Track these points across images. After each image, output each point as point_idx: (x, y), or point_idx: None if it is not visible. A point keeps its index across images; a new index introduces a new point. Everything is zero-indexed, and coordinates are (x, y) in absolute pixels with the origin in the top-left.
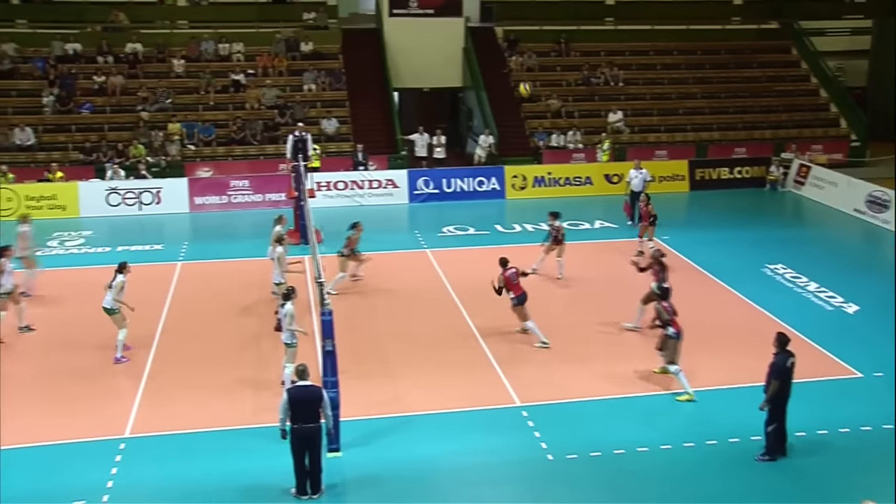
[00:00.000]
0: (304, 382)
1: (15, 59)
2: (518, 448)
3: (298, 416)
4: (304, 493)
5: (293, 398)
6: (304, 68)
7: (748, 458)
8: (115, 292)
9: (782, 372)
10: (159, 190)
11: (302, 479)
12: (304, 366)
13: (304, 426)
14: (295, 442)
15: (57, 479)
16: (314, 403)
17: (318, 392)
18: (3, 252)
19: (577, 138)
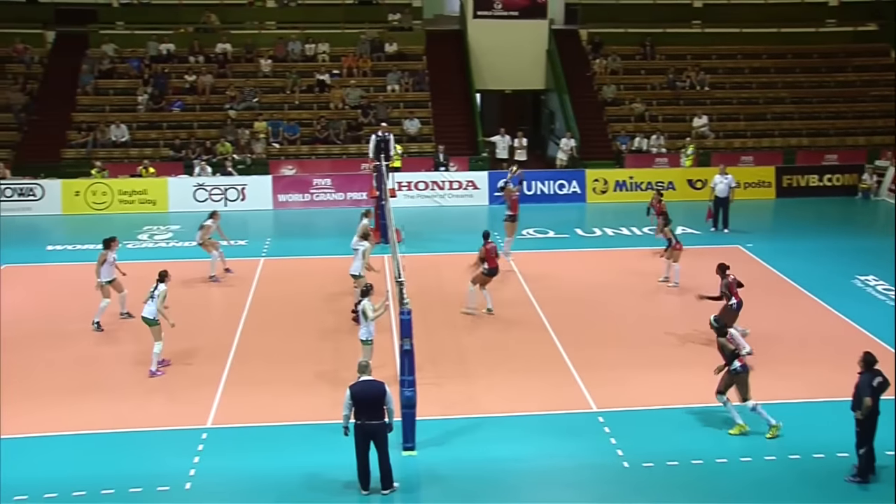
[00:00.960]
0: (367, 378)
1: (114, 59)
2: (593, 453)
3: (361, 412)
4: (366, 488)
5: (356, 394)
6: (388, 69)
7: (833, 476)
8: (159, 302)
9: (868, 389)
10: (244, 187)
11: (364, 475)
12: (366, 361)
13: (367, 422)
14: (358, 438)
15: (143, 465)
16: (377, 399)
17: (381, 388)
18: (108, 244)
19: (660, 143)
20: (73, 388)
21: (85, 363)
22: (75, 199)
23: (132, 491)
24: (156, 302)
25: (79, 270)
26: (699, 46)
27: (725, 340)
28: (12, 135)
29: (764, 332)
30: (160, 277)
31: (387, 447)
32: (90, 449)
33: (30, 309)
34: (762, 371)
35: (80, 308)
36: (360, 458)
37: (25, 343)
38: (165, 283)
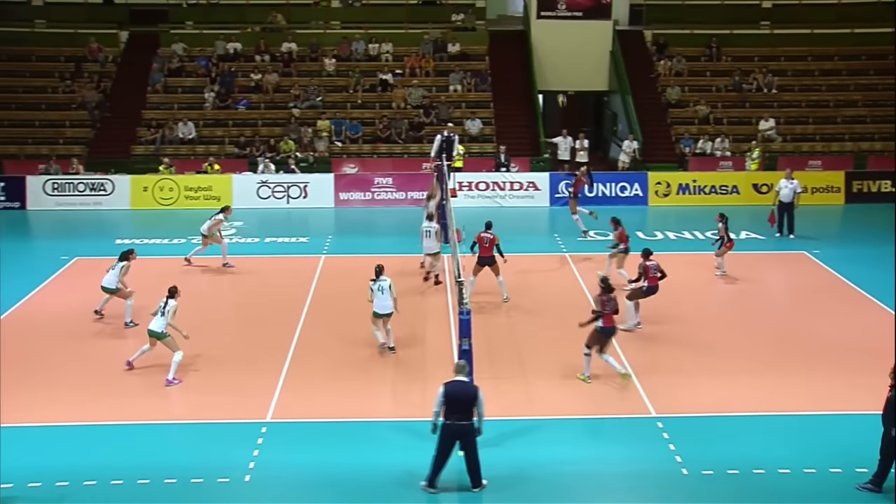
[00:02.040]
0: (461, 378)
1: (183, 57)
2: (651, 459)
3: (452, 412)
4: (435, 487)
5: (448, 393)
6: (451, 69)
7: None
8: (170, 317)
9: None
10: (306, 184)
11: (437, 472)
12: (463, 362)
13: (457, 423)
14: (444, 437)
15: (205, 456)
16: (469, 400)
17: (474, 390)
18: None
19: (724, 146)
20: (138, 380)
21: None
22: (143, 195)
23: (194, 481)
24: (167, 318)
25: (145, 264)
26: (767, 48)
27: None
28: (86, 131)
29: (831, 340)
30: (170, 293)
31: (475, 447)
32: (155, 439)
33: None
34: (830, 380)
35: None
36: (439, 456)
37: (94, 333)
38: (175, 299)
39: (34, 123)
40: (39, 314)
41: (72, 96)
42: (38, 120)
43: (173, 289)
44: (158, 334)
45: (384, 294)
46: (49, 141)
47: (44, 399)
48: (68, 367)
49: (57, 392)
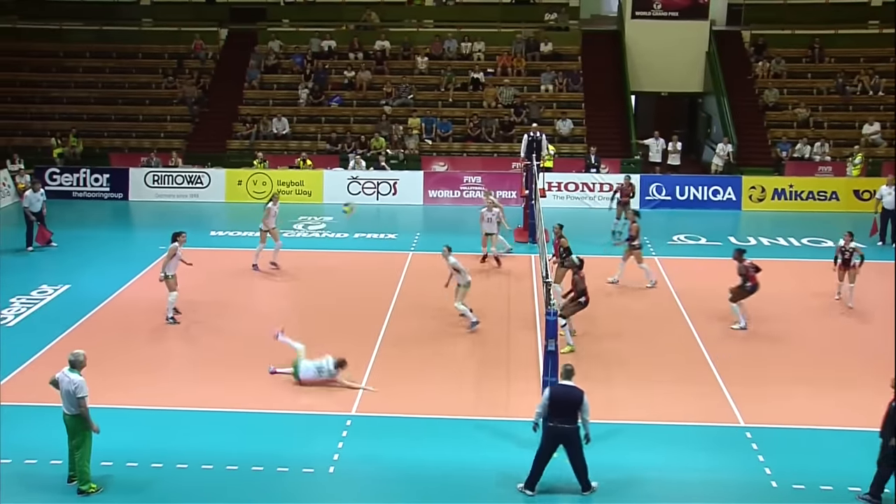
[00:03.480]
0: (568, 383)
1: (279, 55)
2: (738, 470)
3: (555, 415)
4: (533, 489)
5: (553, 396)
6: (542, 69)
7: None
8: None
9: None
10: (396, 181)
11: (537, 475)
12: (571, 366)
13: (560, 425)
14: (546, 439)
15: (291, 447)
16: (574, 404)
17: (580, 394)
18: (176, 237)
19: (824, 150)
20: (230, 369)
21: (240, 344)
22: (238, 188)
23: (279, 470)
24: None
25: (239, 256)
26: (874, 48)
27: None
28: (186, 126)
29: None
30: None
31: (581, 451)
32: (245, 427)
33: (193, 290)
34: None
35: (240, 291)
36: (540, 459)
37: (190, 322)
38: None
39: (138, 118)
40: (138, 301)
41: (173, 92)
42: (142, 114)
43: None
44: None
45: None
46: (151, 135)
47: (141, 383)
48: (164, 354)
49: (153, 377)
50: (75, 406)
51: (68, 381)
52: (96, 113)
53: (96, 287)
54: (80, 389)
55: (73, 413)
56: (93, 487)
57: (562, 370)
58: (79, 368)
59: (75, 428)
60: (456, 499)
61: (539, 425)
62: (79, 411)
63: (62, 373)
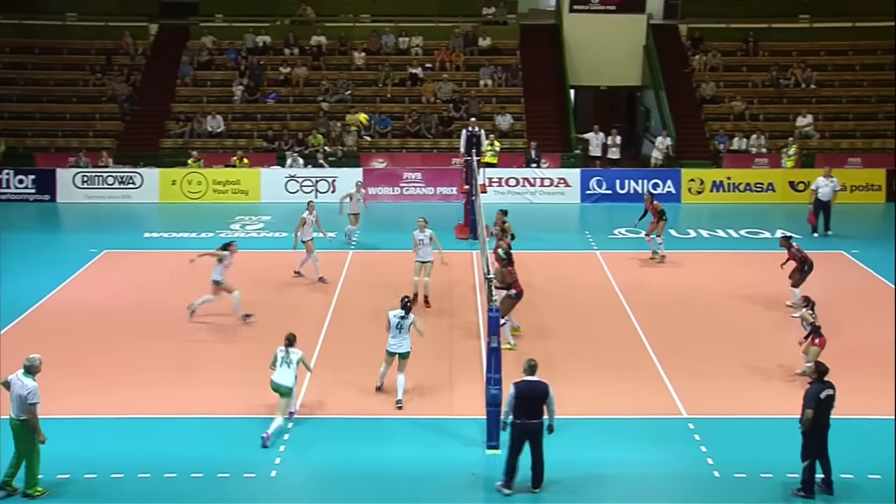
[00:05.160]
0: (532, 378)
1: (212, 50)
2: (682, 461)
3: (522, 411)
4: (511, 487)
5: (519, 393)
6: (481, 63)
7: None
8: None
9: (813, 401)
10: (335, 179)
11: (512, 473)
12: (534, 361)
13: (528, 421)
14: (516, 436)
15: (231, 452)
16: (539, 399)
17: (544, 387)
18: (227, 246)
19: (760, 142)
20: (163, 374)
21: (177, 348)
22: (172, 188)
23: (220, 476)
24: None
25: (174, 258)
26: (806, 42)
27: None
28: (116, 124)
29: (867, 343)
30: (290, 341)
31: (542, 448)
32: (182, 434)
33: (129, 294)
34: (866, 384)
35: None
36: (511, 456)
37: (123, 326)
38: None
39: (65, 116)
40: (68, 307)
41: (102, 89)
42: (69, 113)
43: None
44: (286, 389)
45: (403, 332)
46: (79, 134)
47: (70, 390)
48: (94, 360)
49: (82, 384)
50: (24, 412)
51: (21, 386)
52: (19, 111)
53: (24, 292)
54: (33, 395)
55: (21, 419)
56: (38, 491)
57: (525, 366)
58: (33, 374)
59: (21, 434)
60: (398, 499)
61: (507, 424)
62: (27, 417)
63: (15, 376)
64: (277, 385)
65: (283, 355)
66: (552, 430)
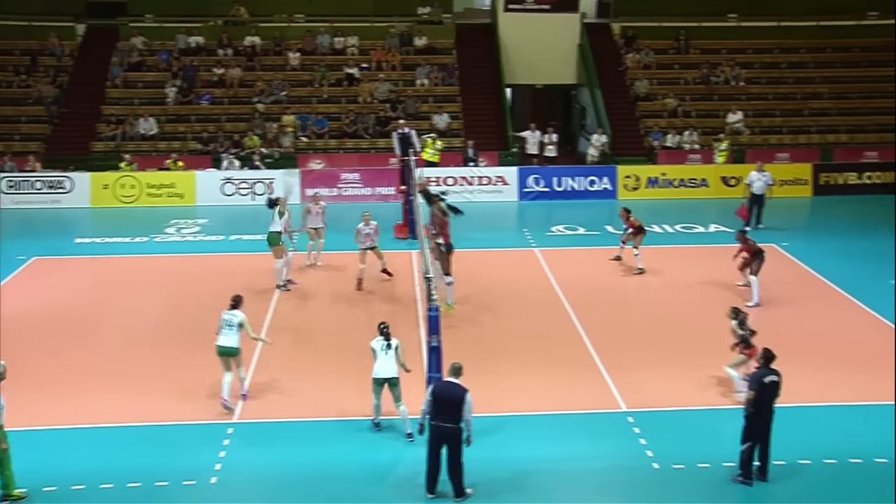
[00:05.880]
0: (452, 380)
1: (143, 51)
2: (622, 455)
3: (438, 413)
4: (432, 492)
5: (436, 393)
6: (418, 63)
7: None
8: (249, 329)
9: (755, 384)
10: (272, 181)
11: (432, 477)
12: (459, 364)
13: (442, 424)
14: (432, 438)
15: (170, 459)
16: (455, 403)
17: (462, 393)
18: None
19: (693, 139)
20: (97, 382)
21: (110, 355)
22: (104, 192)
23: (158, 485)
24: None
25: (107, 263)
26: (735, 40)
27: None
28: (43, 127)
29: (798, 333)
30: (235, 303)
31: (460, 455)
32: (118, 443)
33: (59, 301)
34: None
35: (107, 301)
36: (430, 459)
37: (53, 334)
38: (240, 309)
39: None
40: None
41: (27, 91)
42: None
43: (238, 298)
44: (233, 349)
45: (387, 356)
46: (3, 137)
47: None
48: (26, 369)
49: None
50: None
51: None
52: None
53: None
54: None
55: None
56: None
57: (449, 367)
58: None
59: None
60: (341, 500)
61: (425, 426)
62: None
63: None
64: (221, 349)
65: (227, 318)
66: (469, 442)
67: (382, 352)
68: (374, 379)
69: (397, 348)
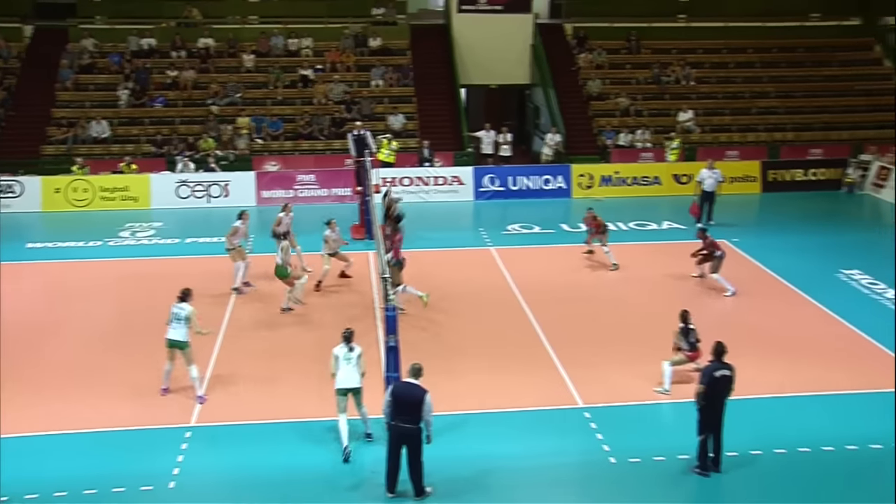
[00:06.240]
0: (412, 381)
1: (94, 53)
2: (580, 450)
3: (398, 413)
4: (392, 491)
5: (395, 393)
6: (372, 64)
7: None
8: (195, 323)
9: (706, 378)
10: (227, 183)
11: (391, 477)
12: (419, 365)
13: (402, 425)
14: (392, 439)
15: (126, 464)
16: (415, 403)
17: (421, 394)
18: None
19: (645, 137)
20: (52, 389)
21: (65, 360)
22: (55, 197)
23: (115, 491)
24: (186, 323)
25: (60, 268)
26: (684, 41)
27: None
28: None
29: (749, 327)
30: (183, 296)
31: (420, 455)
32: (72, 449)
33: (11, 308)
34: (751, 365)
35: (60, 307)
36: (390, 459)
37: (6, 342)
38: (189, 302)
39: None
40: None
41: None
42: None
43: (187, 291)
44: (180, 343)
45: (350, 364)
46: None
47: None
48: None
49: None
50: None
51: None
52: None
53: None
54: None
55: None
56: None
57: (409, 368)
58: None
59: None
60: (296, 499)
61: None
62: None
63: None
64: (170, 342)
65: (175, 311)
66: (430, 440)
67: (345, 360)
68: (338, 389)
69: (360, 356)
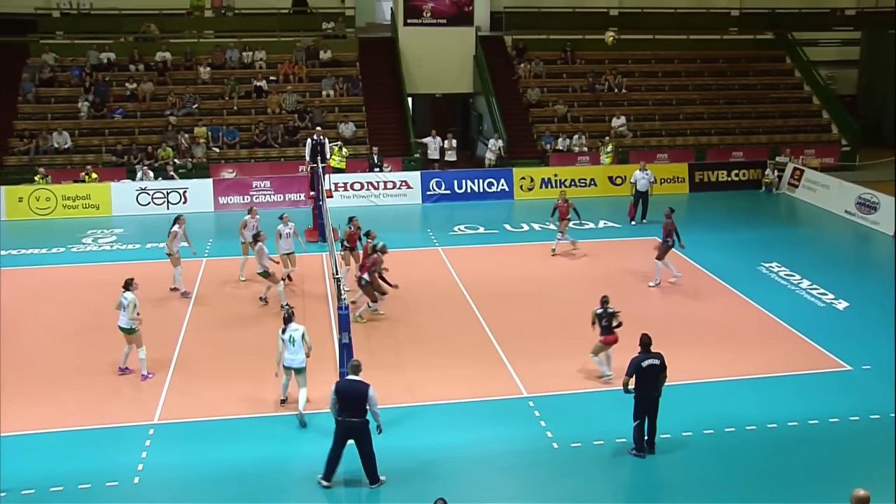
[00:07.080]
0: (353, 377)
1: (54, 68)
2: (525, 437)
3: (344, 409)
4: (328, 480)
5: (339, 391)
6: (323, 75)
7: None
8: (130, 311)
9: (635, 369)
10: (186, 190)
11: (331, 467)
12: (358, 362)
13: (348, 419)
14: (337, 433)
15: (91, 462)
16: (359, 398)
17: (363, 388)
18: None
19: (582, 142)
20: (14, 388)
21: (29, 363)
22: (19, 205)
23: (81, 487)
24: (127, 312)
25: (23, 275)
26: (616, 52)
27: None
28: None
29: (679, 316)
30: (126, 286)
31: (369, 446)
32: (38, 448)
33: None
34: (679, 352)
35: (24, 312)
36: (333, 451)
37: None
38: (132, 291)
39: None
40: None
41: None
42: None
43: (129, 281)
44: (127, 329)
45: (295, 346)
46: None
47: None
48: None
49: None
50: None
51: None
52: None
53: None
54: None
55: None
56: None
57: (349, 365)
58: None
59: None
60: (265, 498)
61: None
62: None
63: None
64: (120, 327)
65: (120, 300)
66: (380, 431)
67: (289, 342)
68: (284, 366)
69: (304, 335)
